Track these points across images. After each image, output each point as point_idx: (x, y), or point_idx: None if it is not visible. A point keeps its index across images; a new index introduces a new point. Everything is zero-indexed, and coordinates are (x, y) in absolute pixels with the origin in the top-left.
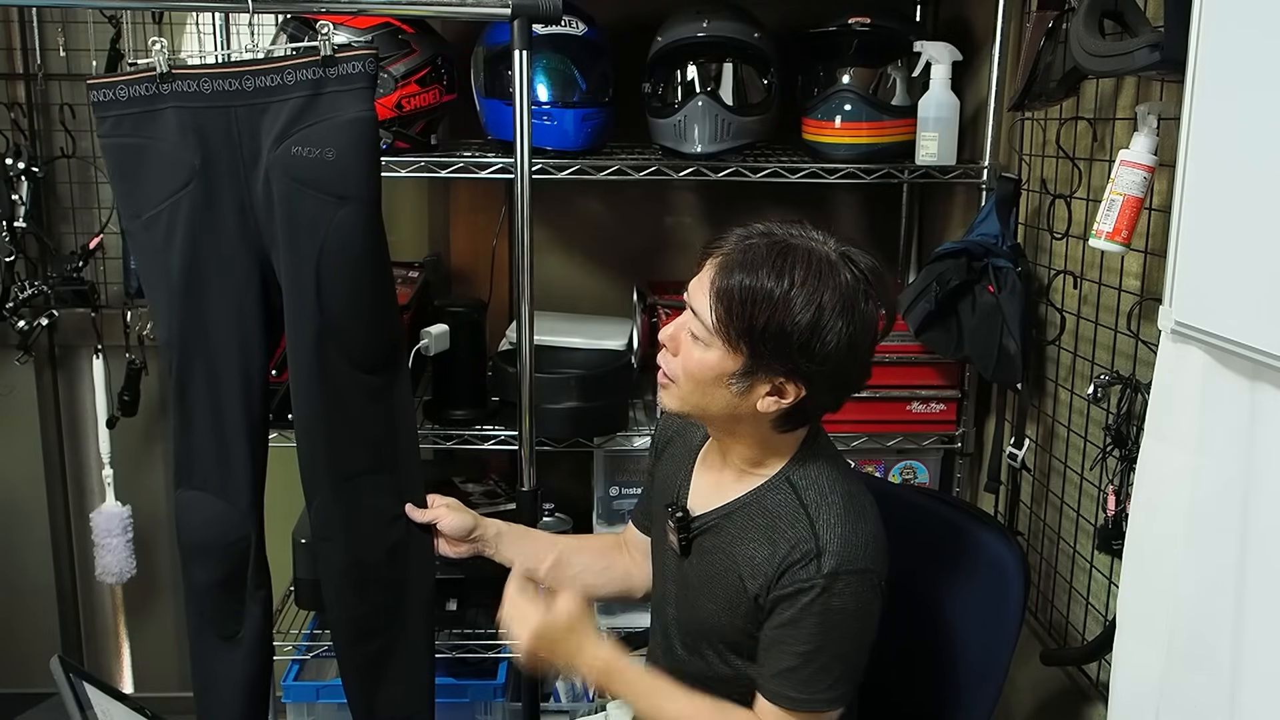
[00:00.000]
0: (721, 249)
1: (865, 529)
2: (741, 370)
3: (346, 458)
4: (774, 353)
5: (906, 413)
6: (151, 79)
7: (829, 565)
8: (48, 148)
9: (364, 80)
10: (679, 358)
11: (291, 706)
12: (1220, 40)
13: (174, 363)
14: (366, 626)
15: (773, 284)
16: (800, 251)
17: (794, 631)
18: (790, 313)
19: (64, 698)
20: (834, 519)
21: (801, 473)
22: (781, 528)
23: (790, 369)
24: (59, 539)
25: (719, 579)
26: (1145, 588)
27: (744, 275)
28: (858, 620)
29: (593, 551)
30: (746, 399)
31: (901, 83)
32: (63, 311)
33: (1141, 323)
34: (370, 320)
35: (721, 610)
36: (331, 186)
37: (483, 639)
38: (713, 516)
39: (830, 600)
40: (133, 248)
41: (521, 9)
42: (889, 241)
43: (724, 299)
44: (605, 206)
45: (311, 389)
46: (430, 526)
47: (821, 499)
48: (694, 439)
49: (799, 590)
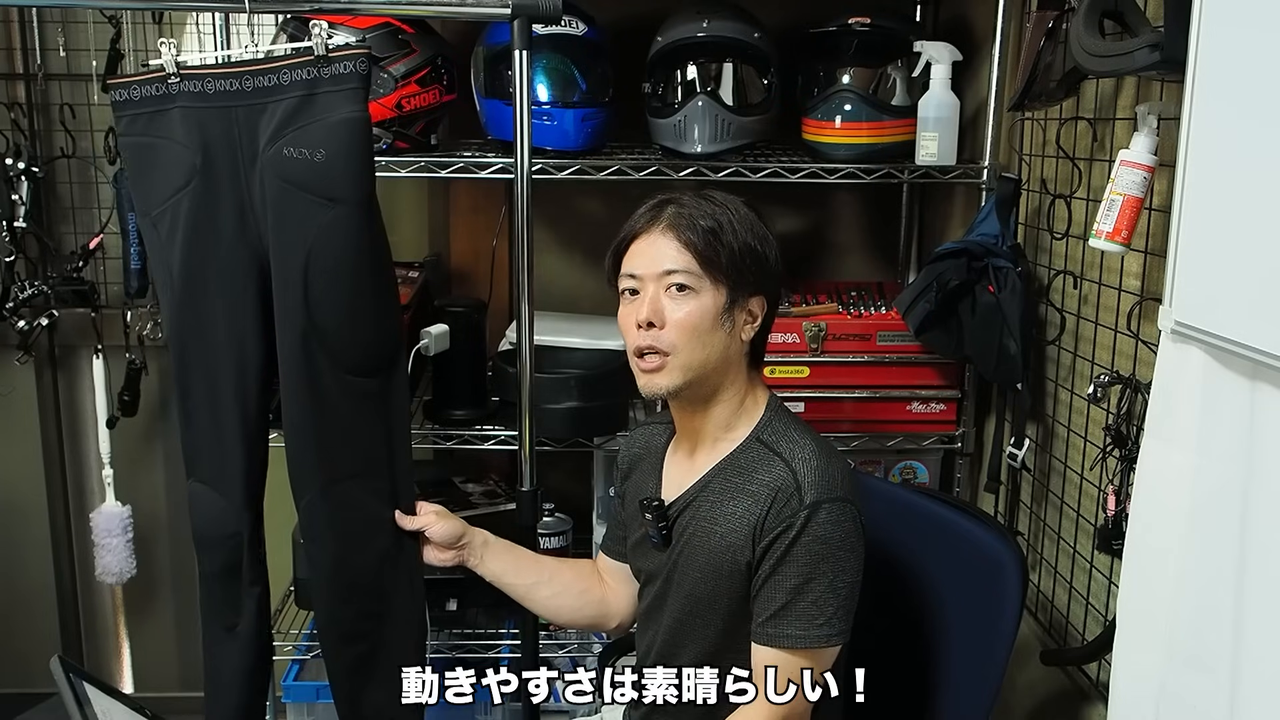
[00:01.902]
0: (660, 218)
1: (838, 464)
2: (726, 302)
3: (334, 461)
4: (749, 273)
5: (906, 413)
6: (163, 79)
7: (810, 496)
8: (48, 148)
9: (356, 80)
10: (671, 323)
11: (291, 706)
12: (1220, 40)
13: (175, 359)
14: (351, 630)
15: (724, 216)
16: (717, 196)
17: (783, 568)
18: (750, 232)
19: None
20: (808, 455)
21: (769, 430)
22: (758, 476)
23: (757, 285)
24: (59, 539)
25: (703, 547)
26: (1145, 588)
27: (703, 219)
28: (844, 549)
29: (574, 574)
30: (734, 333)
31: (901, 83)
32: (63, 311)
33: (1141, 323)
34: (360, 324)
35: (707, 577)
36: (320, 188)
37: (483, 639)
38: (690, 494)
39: (815, 530)
40: (146, 245)
41: (521, 9)
42: (889, 241)
43: (700, 241)
44: (605, 206)
45: (298, 391)
46: (419, 534)
47: (793, 444)
48: (658, 445)
49: (785, 528)
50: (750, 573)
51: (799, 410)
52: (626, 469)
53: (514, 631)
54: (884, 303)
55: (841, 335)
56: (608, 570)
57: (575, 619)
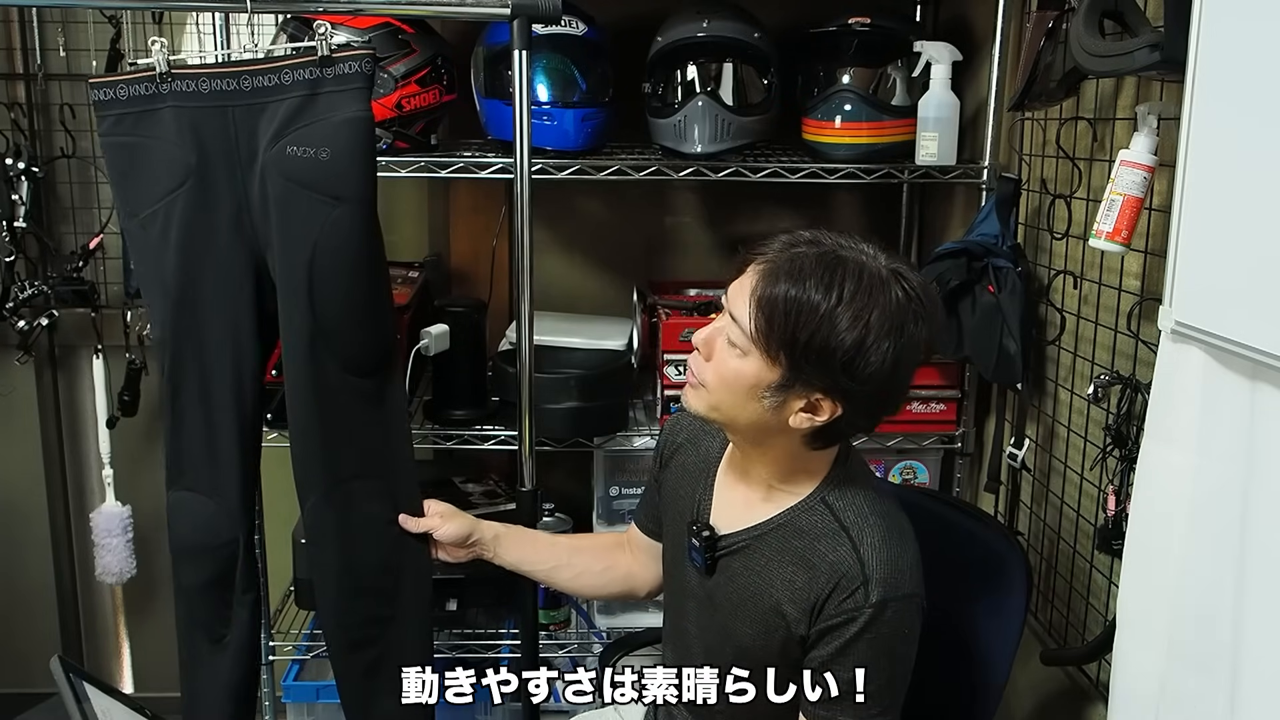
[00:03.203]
0: (766, 255)
1: (908, 552)
2: (778, 383)
3: (338, 462)
4: (815, 369)
5: (906, 413)
6: (151, 78)
7: (876, 594)
8: (48, 148)
9: (360, 80)
10: (711, 363)
11: (291, 706)
12: (1220, 40)
13: (167, 362)
14: (360, 636)
15: (820, 297)
16: (851, 265)
17: (843, 659)
18: (835, 329)
19: (64, 698)
20: (877, 542)
21: (837, 494)
22: (821, 550)
23: (829, 386)
24: (59, 539)
25: (752, 602)
26: (1145, 588)
27: (790, 285)
28: (904, 645)
29: (592, 552)
30: (779, 414)
31: (901, 83)
32: (63, 311)
33: (1141, 323)
34: (363, 323)
35: (757, 634)
36: (326, 187)
37: (483, 639)
38: (743, 537)
39: (879, 629)
40: (130, 246)
41: (521, 9)
42: (889, 241)
43: (766, 308)
44: (605, 206)
45: (304, 391)
46: (426, 535)
47: (862, 520)
48: (710, 449)
49: (847, 620)
50: (804, 645)
51: None
52: (668, 454)
53: (514, 631)
54: None
55: None
56: (638, 545)
57: (602, 594)
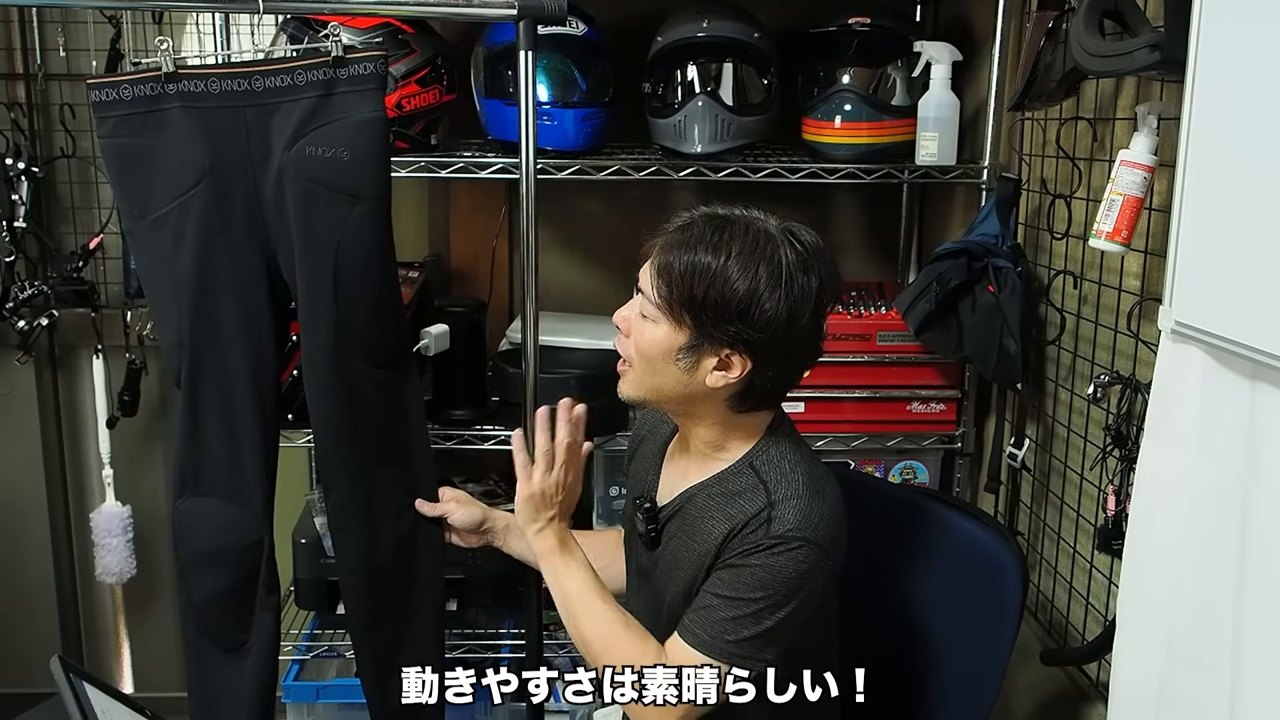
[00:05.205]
0: (665, 232)
1: (821, 507)
2: (688, 344)
3: (363, 452)
4: (715, 323)
5: (906, 413)
6: (156, 79)
7: (777, 529)
8: (48, 148)
9: (375, 81)
10: (631, 338)
11: (291, 706)
12: (1220, 40)
13: (184, 365)
14: (379, 616)
15: (709, 257)
16: (738, 225)
17: (724, 575)
18: (729, 281)
19: (64, 698)
20: (791, 494)
21: (764, 458)
22: (740, 503)
23: (732, 339)
24: (59, 539)
25: (680, 561)
26: (1145, 588)
27: (683, 251)
28: (790, 586)
29: (598, 550)
30: (695, 375)
31: (901, 83)
32: (63, 311)
33: (1141, 323)
34: (383, 316)
35: (681, 592)
36: (346, 185)
37: (483, 639)
38: (676, 502)
39: (768, 558)
40: (135, 249)
41: (527, 10)
42: (889, 241)
43: (665, 274)
44: (605, 206)
45: (329, 386)
46: (440, 520)
47: (781, 477)
48: (663, 434)
49: (744, 551)
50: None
51: (798, 410)
52: (632, 450)
53: (514, 631)
54: (884, 303)
55: (841, 335)
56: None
57: None
